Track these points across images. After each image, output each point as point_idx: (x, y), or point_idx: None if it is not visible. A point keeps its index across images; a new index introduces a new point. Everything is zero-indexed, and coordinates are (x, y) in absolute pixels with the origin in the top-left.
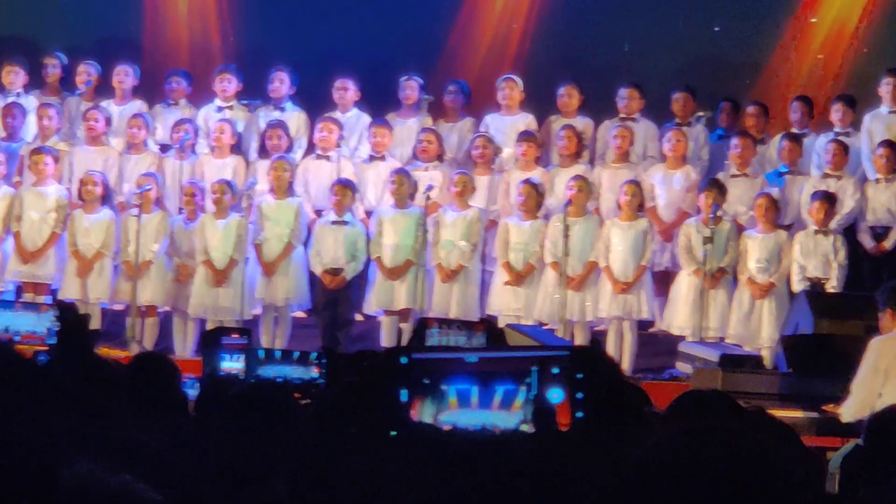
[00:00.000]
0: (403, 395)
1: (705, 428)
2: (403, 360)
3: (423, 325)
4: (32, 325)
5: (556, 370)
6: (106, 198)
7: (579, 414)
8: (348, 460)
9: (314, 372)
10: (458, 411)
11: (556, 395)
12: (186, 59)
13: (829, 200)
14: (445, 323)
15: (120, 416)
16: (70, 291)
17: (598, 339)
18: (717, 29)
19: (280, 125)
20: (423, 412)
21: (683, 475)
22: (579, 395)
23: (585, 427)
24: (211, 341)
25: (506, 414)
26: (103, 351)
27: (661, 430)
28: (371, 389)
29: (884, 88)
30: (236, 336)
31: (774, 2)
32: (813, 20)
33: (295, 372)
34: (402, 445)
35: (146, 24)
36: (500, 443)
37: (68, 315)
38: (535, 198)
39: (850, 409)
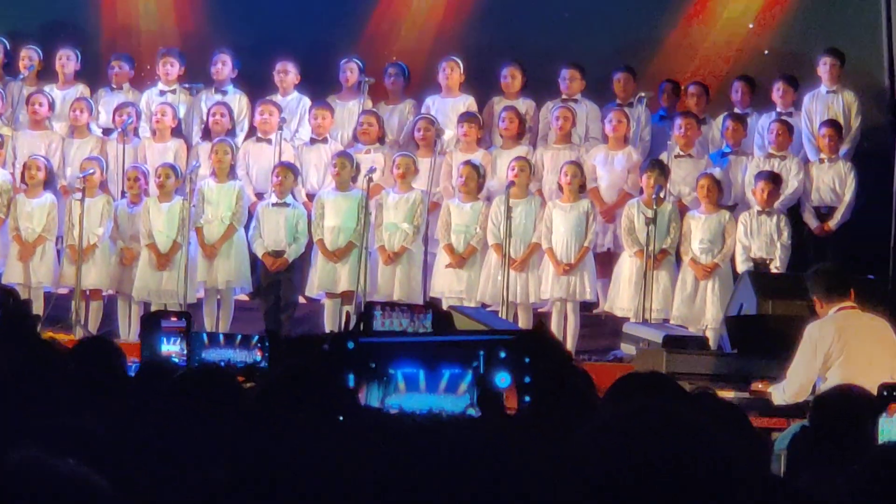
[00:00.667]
0: (350, 379)
1: (643, 409)
2: (350, 344)
3: (368, 308)
4: None
5: (502, 354)
6: (49, 182)
7: (526, 398)
8: (292, 444)
9: (257, 355)
10: (404, 395)
11: (502, 378)
12: (128, 43)
13: (773, 181)
14: (389, 306)
15: (64, 400)
16: (13, 276)
17: (543, 321)
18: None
19: (223, 105)
20: (370, 396)
21: (624, 458)
22: (526, 380)
23: (533, 411)
24: (150, 325)
25: (452, 397)
26: (48, 335)
27: (601, 413)
28: (316, 373)
29: (822, 68)
30: (175, 319)
31: None
32: None
33: (238, 355)
34: (349, 429)
35: (89, 8)
36: (445, 426)
37: (8, 300)
38: (476, 179)
39: (785, 394)
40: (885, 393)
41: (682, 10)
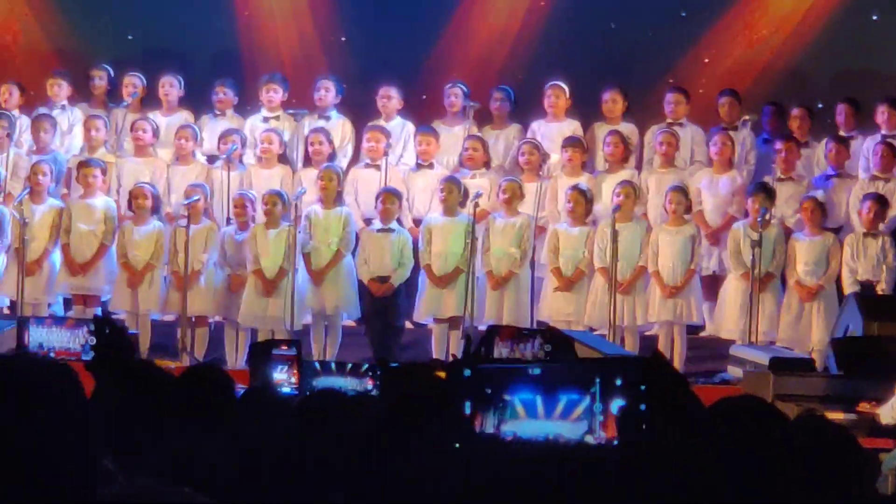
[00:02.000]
0: (466, 406)
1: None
2: (466, 372)
3: (490, 334)
4: (67, 342)
5: (619, 381)
6: (155, 209)
7: (643, 426)
8: (410, 470)
9: (368, 384)
10: (520, 422)
11: (618, 406)
12: (231, 69)
13: (879, 202)
14: (508, 332)
15: (170, 427)
16: (121, 303)
17: (661, 351)
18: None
19: (321, 131)
20: (486, 423)
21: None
22: (642, 407)
23: (649, 439)
24: (260, 353)
25: (569, 424)
26: (156, 363)
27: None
28: (431, 400)
29: None
30: (285, 348)
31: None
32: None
33: (349, 383)
34: (465, 456)
35: (192, 35)
36: (562, 452)
37: (104, 328)
38: (583, 204)
39: (894, 412)
40: None
41: (782, 32)
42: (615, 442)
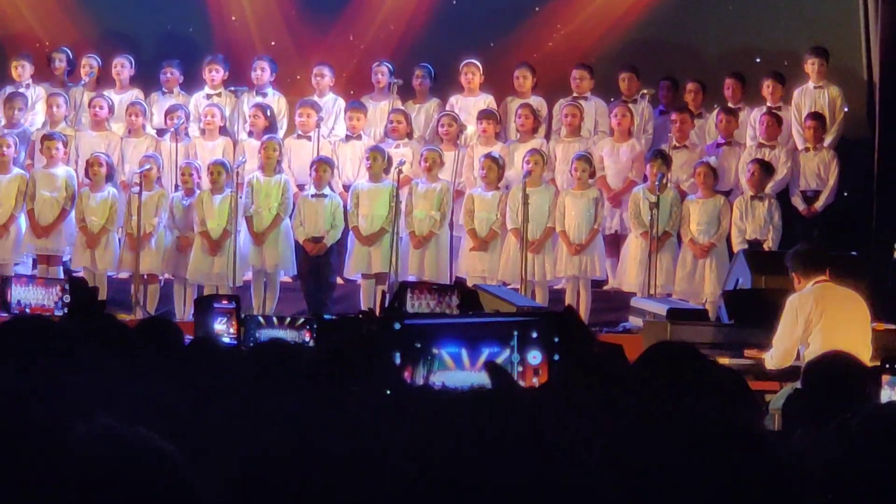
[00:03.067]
0: (397, 357)
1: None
2: (396, 325)
3: (402, 288)
4: (42, 299)
5: (535, 334)
6: (110, 177)
7: (556, 373)
8: (343, 417)
9: (305, 336)
10: (447, 372)
11: (534, 356)
12: (177, 51)
13: (764, 167)
14: (420, 286)
15: (131, 373)
16: (79, 263)
17: (572, 305)
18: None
19: (259, 106)
20: (416, 373)
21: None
22: (556, 357)
23: (561, 385)
24: (203, 306)
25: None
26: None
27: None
28: (363, 351)
29: (809, 66)
30: (226, 302)
31: None
32: None
33: (288, 335)
34: (396, 403)
35: (142, 19)
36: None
37: (79, 287)
38: (495, 170)
39: (773, 359)
40: (886, 365)
41: (679, 12)
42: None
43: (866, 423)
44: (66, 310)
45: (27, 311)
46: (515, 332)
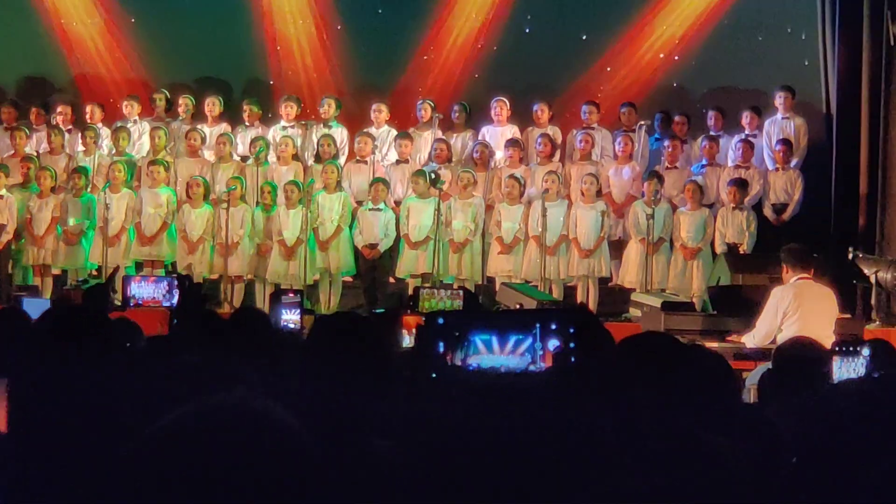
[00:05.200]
0: (440, 346)
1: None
2: (440, 320)
3: (416, 289)
4: (153, 293)
5: (554, 325)
6: (205, 196)
7: (572, 359)
8: (403, 397)
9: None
10: (480, 356)
11: (553, 344)
12: (257, 90)
13: (740, 185)
14: (433, 287)
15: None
16: (180, 266)
17: (584, 302)
18: (661, 56)
19: (325, 136)
20: (455, 358)
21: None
22: (571, 345)
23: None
24: (275, 300)
25: (516, 357)
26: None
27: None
28: (417, 343)
29: (778, 100)
30: (292, 295)
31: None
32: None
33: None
34: (441, 384)
35: (230, 64)
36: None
37: (185, 284)
38: (518, 188)
39: (754, 339)
40: (836, 348)
41: (670, 57)
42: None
43: (824, 398)
44: (171, 302)
45: (140, 304)
46: (538, 324)
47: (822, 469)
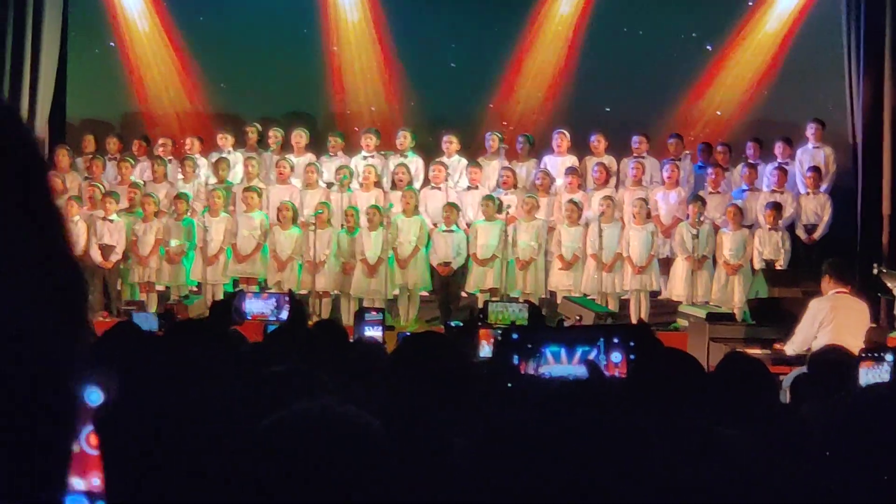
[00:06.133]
0: (515, 358)
1: None
2: (515, 335)
3: (485, 304)
4: (263, 308)
5: (616, 339)
6: (294, 219)
7: (634, 369)
8: (475, 402)
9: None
10: (551, 366)
11: (616, 356)
12: (340, 123)
13: (777, 208)
14: (500, 301)
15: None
16: (272, 282)
17: (644, 319)
18: (718, 113)
19: (402, 165)
20: (528, 368)
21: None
22: (632, 357)
23: (637, 377)
24: (359, 317)
25: (583, 367)
26: None
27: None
28: (495, 357)
29: (809, 131)
30: (375, 313)
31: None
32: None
33: None
34: (516, 391)
35: (315, 99)
36: (580, 384)
37: (293, 299)
38: (577, 212)
39: (793, 346)
40: (863, 354)
41: (713, 93)
42: (613, 377)
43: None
44: (278, 317)
45: (248, 317)
46: (602, 338)
47: (849, 463)
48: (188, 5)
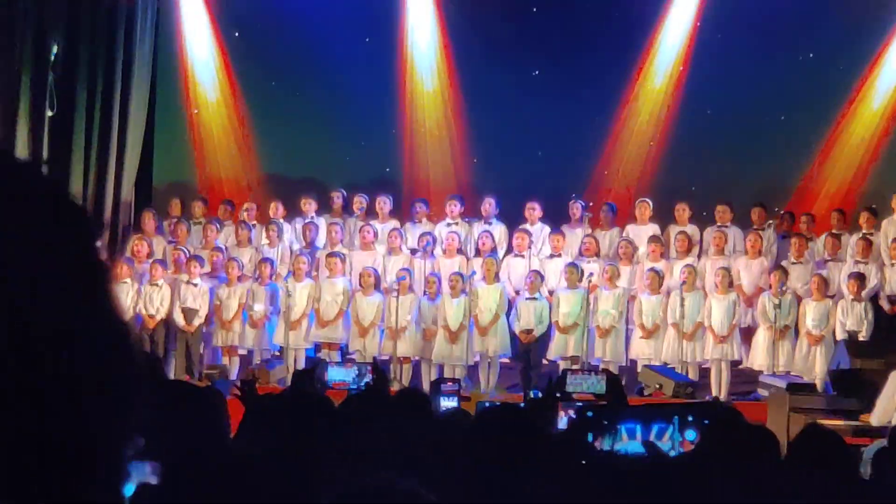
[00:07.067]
0: (590, 436)
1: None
2: (590, 413)
3: (564, 373)
4: (344, 377)
5: (690, 417)
6: (376, 285)
7: (699, 445)
8: (556, 477)
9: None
10: (626, 443)
11: (690, 433)
12: (424, 190)
13: (860, 279)
14: (576, 371)
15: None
16: (354, 347)
17: (718, 397)
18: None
19: (486, 233)
20: (603, 444)
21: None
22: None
23: (708, 453)
24: (435, 387)
25: (658, 444)
26: None
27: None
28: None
29: (894, 202)
30: (451, 383)
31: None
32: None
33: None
34: (587, 467)
35: (397, 167)
36: (656, 459)
37: (377, 368)
38: (659, 280)
39: (876, 418)
40: None
41: (805, 165)
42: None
43: None
44: (359, 385)
45: (329, 385)
46: (676, 416)
47: None
48: (259, 72)
